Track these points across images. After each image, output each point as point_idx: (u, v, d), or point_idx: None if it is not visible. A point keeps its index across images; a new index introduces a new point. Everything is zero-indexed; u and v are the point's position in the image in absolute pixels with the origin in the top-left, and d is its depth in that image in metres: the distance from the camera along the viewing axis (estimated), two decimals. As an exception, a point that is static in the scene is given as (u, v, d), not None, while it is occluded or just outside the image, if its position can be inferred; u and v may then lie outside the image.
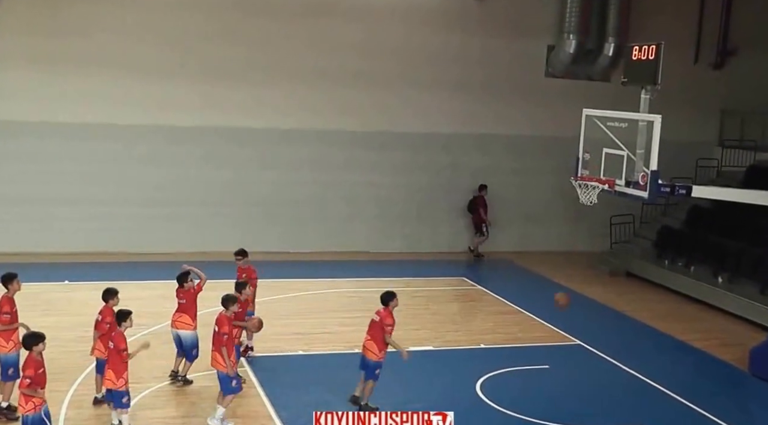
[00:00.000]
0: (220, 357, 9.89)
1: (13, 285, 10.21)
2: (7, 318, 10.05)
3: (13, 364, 10.09)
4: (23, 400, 8.56)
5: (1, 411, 10.04)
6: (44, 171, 18.09)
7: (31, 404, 8.52)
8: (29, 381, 8.53)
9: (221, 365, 9.87)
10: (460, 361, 13.08)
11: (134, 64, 18.20)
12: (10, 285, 10.21)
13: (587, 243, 21.58)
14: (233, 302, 10.25)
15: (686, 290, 17.84)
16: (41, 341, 8.88)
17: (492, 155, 20.95)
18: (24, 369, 8.75)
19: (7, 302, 10.12)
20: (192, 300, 11.27)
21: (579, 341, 14.31)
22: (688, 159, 20.78)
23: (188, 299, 11.26)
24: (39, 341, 8.85)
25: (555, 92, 20.73)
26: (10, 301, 10.16)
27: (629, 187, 11.04)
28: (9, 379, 10.06)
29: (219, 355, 9.90)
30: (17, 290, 10.26)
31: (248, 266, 12.34)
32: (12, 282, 10.22)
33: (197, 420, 10.23)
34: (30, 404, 8.52)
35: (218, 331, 9.98)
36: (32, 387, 8.52)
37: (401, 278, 17.77)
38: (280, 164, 19.60)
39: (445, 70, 20.11)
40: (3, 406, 10.04)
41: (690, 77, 21.17)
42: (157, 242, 18.74)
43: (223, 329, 9.92)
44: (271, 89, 19.19)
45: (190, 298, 11.27)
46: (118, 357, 9.50)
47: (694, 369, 13.61)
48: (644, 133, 10.77)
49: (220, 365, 9.88)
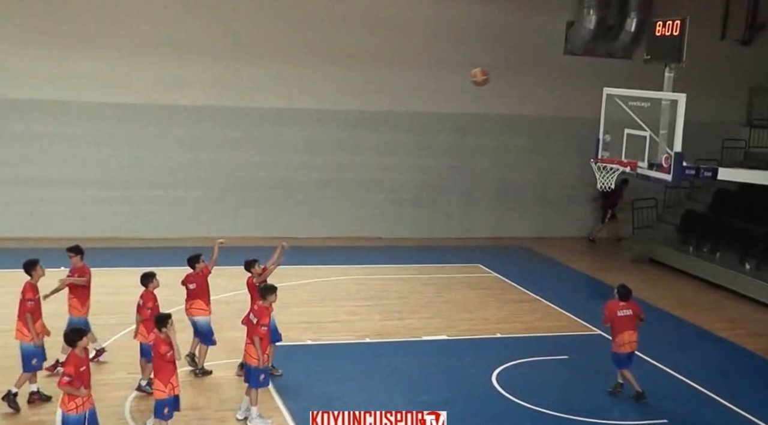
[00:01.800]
0: (252, 350, 9.77)
1: (37, 271, 10.32)
2: (31, 306, 10.12)
3: (36, 354, 10.16)
4: (66, 397, 8.45)
5: (33, 396, 10.23)
6: (42, 153, 18.05)
7: (73, 404, 8.38)
8: (69, 379, 8.31)
9: (253, 358, 9.78)
10: (475, 351, 12.99)
11: (127, 44, 18.10)
12: (33, 272, 10.30)
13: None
14: (272, 292, 10.08)
15: (711, 277, 17.68)
16: (84, 335, 8.72)
17: (506, 137, 20.79)
18: (64, 366, 8.68)
19: (30, 289, 10.23)
20: (203, 284, 11.21)
21: (599, 330, 14.18)
22: (714, 140, 20.57)
23: (199, 283, 11.18)
24: (82, 336, 8.68)
25: (574, 70, 20.51)
26: (33, 288, 10.26)
27: (652, 169, 10.90)
28: (32, 369, 10.19)
29: (252, 347, 9.77)
30: (41, 275, 10.36)
31: (82, 265, 11.31)
32: (35, 268, 10.31)
33: (223, 413, 10.19)
34: (72, 403, 8.39)
35: (258, 322, 9.81)
36: (74, 385, 8.35)
37: (413, 265, 17.72)
38: (287, 147, 19.52)
39: (456, 47, 19.89)
40: (34, 389, 10.22)
41: (716, 54, 20.88)
42: (161, 227, 18.73)
43: (263, 320, 9.78)
44: (285, 69, 19.05)
45: (201, 281, 11.19)
46: (161, 362, 9.07)
47: (720, 361, 13.44)
48: (668, 112, 10.62)
49: (252, 358, 9.79)
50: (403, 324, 13.95)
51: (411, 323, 14.06)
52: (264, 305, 9.95)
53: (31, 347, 10.13)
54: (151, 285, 10.51)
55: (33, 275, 10.27)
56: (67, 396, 8.39)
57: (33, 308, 10.16)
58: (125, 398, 10.39)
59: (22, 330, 10.18)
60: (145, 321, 10.35)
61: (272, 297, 9.99)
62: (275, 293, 10.05)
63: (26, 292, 10.19)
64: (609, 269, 18.49)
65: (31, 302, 10.14)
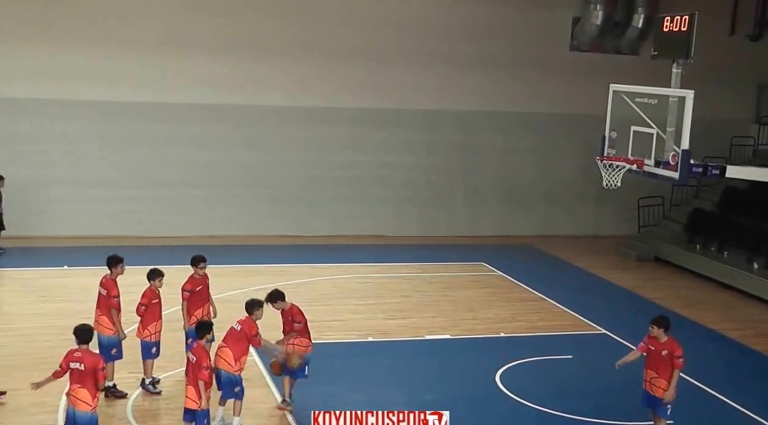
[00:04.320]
0: (192, 392, 9.16)
1: (118, 269, 10.52)
2: (116, 302, 10.37)
3: (116, 345, 10.44)
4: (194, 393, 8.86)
5: (109, 390, 10.37)
6: (40, 151, 18.07)
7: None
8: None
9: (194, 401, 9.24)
10: (479, 351, 13.01)
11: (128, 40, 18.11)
12: (115, 268, 10.49)
13: (613, 227, 21.40)
14: (258, 307, 9.83)
15: (719, 277, 17.65)
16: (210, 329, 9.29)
17: (512, 134, 20.79)
18: (202, 361, 8.98)
19: (115, 286, 10.43)
20: (207, 287, 11.11)
21: (604, 330, 14.19)
22: (722, 137, 20.55)
23: (204, 286, 11.03)
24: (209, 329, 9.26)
25: (580, 67, 20.48)
26: (116, 284, 10.46)
27: (659, 167, 10.84)
28: (111, 359, 10.36)
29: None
30: (120, 274, 10.56)
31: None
32: (116, 266, 10.50)
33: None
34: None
35: (197, 363, 9.16)
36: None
37: (417, 264, 17.73)
38: (290, 144, 19.52)
39: (461, 44, 19.88)
40: (109, 385, 10.34)
41: (725, 50, 20.82)
42: (162, 226, 18.76)
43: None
44: (290, 66, 19.07)
45: (205, 284, 11.06)
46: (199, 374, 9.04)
47: (727, 361, 13.44)
48: (675, 110, 10.56)
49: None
50: (406, 323, 13.97)
51: (414, 322, 14.07)
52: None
53: (113, 338, 10.34)
54: (154, 283, 10.54)
55: (113, 271, 10.47)
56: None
57: (119, 304, 10.39)
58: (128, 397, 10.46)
59: (106, 324, 10.33)
60: (141, 319, 10.53)
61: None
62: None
63: (112, 289, 10.37)
64: (614, 268, 18.49)
65: (116, 298, 10.34)
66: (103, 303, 10.43)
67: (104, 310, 10.41)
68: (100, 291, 10.50)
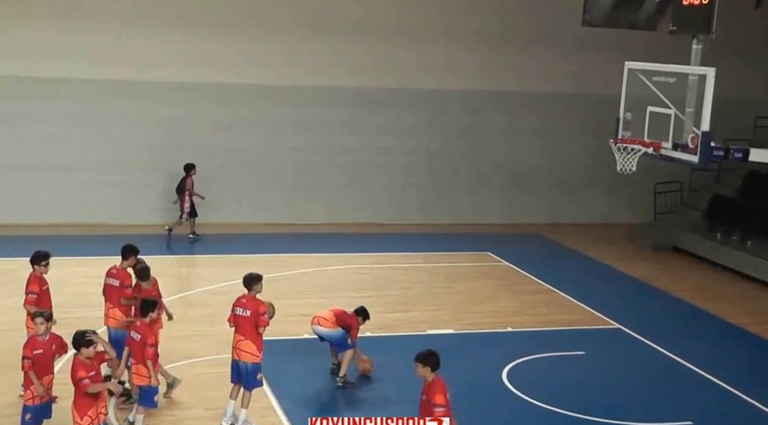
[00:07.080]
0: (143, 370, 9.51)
1: (130, 260, 10.52)
2: (130, 291, 10.35)
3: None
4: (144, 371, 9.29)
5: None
6: (20, 135, 17.99)
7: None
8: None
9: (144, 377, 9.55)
10: (484, 346, 13.02)
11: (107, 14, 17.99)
12: (128, 259, 10.54)
13: (627, 214, 21.41)
14: (258, 281, 9.92)
15: (740, 267, 17.67)
16: (155, 307, 9.76)
17: (519, 115, 20.75)
18: (147, 338, 9.28)
19: (128, 276, 10.44)
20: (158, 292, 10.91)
21: (618, 324, 14.22)
22: (746, 118, 20.51)
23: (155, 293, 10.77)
24: (154, 307, 9.70)
25: (593, 43, 20.32)
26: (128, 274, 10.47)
27: (677, 150, 10.84)
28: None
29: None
30: (131, 265, 10.54)
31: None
32: (129, 257, 10.51)
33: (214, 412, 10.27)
34: None
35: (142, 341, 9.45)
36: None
37: (418, 253, 17.73)
38: (284, 127, 19.47)
39: (464, 19, 19.77)
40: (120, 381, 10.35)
41: (749, 24, 20.68)
42: (147, 213, 18.70)
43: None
44: (284, 43, 18.94)
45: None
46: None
47: (749, 357, 13.45)
48: (695, 89, 10.54)
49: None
50: (406, 317, 13.99)
51: (415, 316, 14.09)
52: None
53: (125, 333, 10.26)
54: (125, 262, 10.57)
55: (127, 261, 10.50)
56: None
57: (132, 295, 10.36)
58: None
59: (116, 316, 10.27)
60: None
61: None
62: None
63: (125, 279, 10.37)
64: (628, 258, 18.50)
65: (130, 288, 10.34)
66: (114, 294, 10.29)
67: (115, 302, 10.30)
68: (110, 282, 10.38)
